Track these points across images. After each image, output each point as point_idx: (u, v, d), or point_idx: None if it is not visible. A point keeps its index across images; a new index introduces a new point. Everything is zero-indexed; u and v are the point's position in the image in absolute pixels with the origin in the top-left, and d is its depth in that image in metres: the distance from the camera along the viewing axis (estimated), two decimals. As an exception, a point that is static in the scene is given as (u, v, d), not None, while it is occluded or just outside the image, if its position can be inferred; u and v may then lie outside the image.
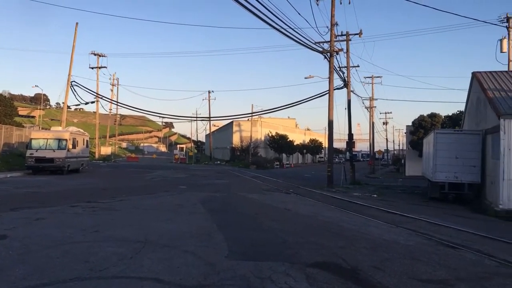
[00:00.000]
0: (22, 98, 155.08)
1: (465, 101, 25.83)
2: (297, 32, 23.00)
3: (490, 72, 22.32)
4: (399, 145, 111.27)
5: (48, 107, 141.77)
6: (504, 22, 29.40)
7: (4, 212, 11.34)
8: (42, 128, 54.75)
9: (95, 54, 55.43)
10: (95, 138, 59.76)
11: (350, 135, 32.87)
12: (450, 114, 45.69)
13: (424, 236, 10.55)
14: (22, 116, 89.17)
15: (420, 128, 45.26)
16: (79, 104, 65.37)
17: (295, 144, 75.39)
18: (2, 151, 33.62)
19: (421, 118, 46.72)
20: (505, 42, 29.08)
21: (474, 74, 22.51)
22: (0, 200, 13.94)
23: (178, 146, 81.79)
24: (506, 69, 27.39)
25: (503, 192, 16.19)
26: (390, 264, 7.33)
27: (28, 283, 5.43)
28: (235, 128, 77.90)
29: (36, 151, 27.66)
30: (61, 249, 7.35)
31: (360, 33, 30.36)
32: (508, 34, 29.23)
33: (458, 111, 43.37)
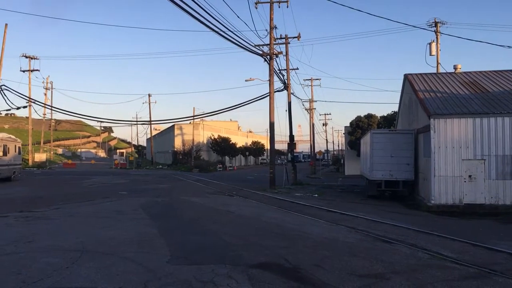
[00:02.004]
0: None
1: (398, 102, 27.01)
2: (236, 35, 23.04)
3: (420, 74, 23.51)
4: (338, 146, 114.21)
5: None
6: (433, 27, 31.08)
7: None
8: (-31, 135, 51.44)
9: (26, 57, 52.87)
10: (28, 145, 56.94)
11: (291, 136, 33.39)
12: (385, 114, 47.48)
13: (363, 233, 10.92)
14: None
15: (358, 128, 46.72)
16: (9, 109, 62.11)
17: (237, 146, 75.61)
18: None
19: (358, 119, 48.24)
20: (434, 45, 30.73)
21: (406, 76, 23.60)
22: None
23: (118, 151, 79.68)
24: (435, 71, 28.94)
25: (434, 187, 17.08)
26: (330, 261, 7.53)
27: (-47, 300, 5.09)
28: (176, 131, 76.92)
29: (-37, 160, 25.99)
30: (-10, 262, 6.95)
31: (298, 37, 30.96)
32: (436, 37, 30.91)
33: (392, 111, 45.13)
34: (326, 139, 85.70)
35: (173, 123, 75.33)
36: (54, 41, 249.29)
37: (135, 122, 69.42)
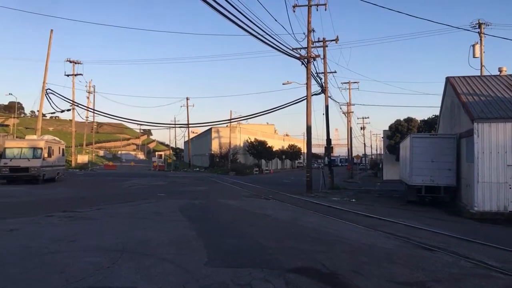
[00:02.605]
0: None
1: (439, 106, 26.33)
2: (274, 39, 23.09)
3: (463, 77, 22.82)
4: (376, 150, 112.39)
5: (22, 115, 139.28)
6: (476, 28, 30.15)
7: (-23, 223, 11.07)
8: (17, 137, 53.62)
9: (70, 62, 54.69)
10: (71, 147, 58.82)
11: (328, 140, 33.10)
12: (426, 118, 46.34)
13: (402, 239, 10.69)
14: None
15: (397, 132, 45.84)
16: (54, 112, 64.66)
17: (274, 150, 75.53)
18: (-25, 160, 32.80)
19: (397, 123, 47.33)
20: (477, 47, 29.78)
21: (448, 79, 22.97)
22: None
23: (156, 153, 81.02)
24: (479, 74, 28.04)
25: (477, 194, 16.52)
26: (368, 268, 7.40)
27: (1, 296, 5.31)
28: (214, 134, 77.66)
29: (11, 161, 27.10)
30: (36, 260, 7.20)
31: (336, 39, 30.69)
32: (480, 39, 29.96)
33: (433, 115, 44.05)
34: (364, 143, 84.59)
35: (210, 126, 76.35)
36: (97, 46, 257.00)
37: (173, 125, 70.33)
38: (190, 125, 70.47)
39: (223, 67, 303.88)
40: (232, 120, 54.45)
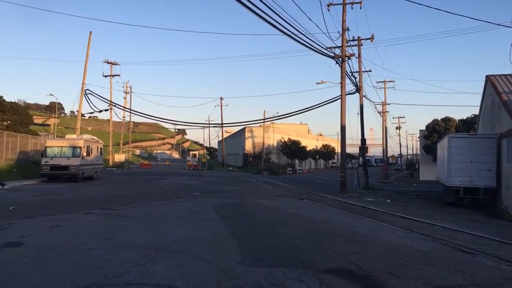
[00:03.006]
0: (37, 107, 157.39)
1: (479, 105, 25.58)
2: (308, 38, 22.98)
3: (504, 75, 22.09)
4: (412, 150, 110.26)
5: (62, 115, 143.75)
6: (518, 24, 29.05)
7: (20, 219, 11.48)
8: (57, 136, 55.32)
9: (108, 63, 56.04)
10: (109, 146, 60.24)
11: (363, 140, 32.70)
12: (464, 118, 45.17)
13: (439, 242, 10.43)
14: (37, 124, 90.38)
15: (434, 132, 44.83)
16: (93, 112, 66.26)
17: (307, 149, 75.17)
18: (18, 159, 34.09)
19: (435, 122, 46.29)
20: (519, 44, 28.72)
21: (488, 78, 22.29)
22: (15, 207, 14.10)
23: (191, 152, 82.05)
24: (521, 72, 27.04)
25: (519, 196, 15.97)
26: (405, 270, 7.26)
27: (43, 290, 5.48)
28: (247, 134, 77.96)
29: (51, 159, 27.97)
30: (75, 256, 7.41)
31: (371, 38, 30.29)
32: (522, 36, 28.88)
33: (472, 114, 42.91)
34: (400, 143, 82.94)
35: (244, 126, 76.69)
36: (133, 47, 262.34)
37: (208, 125, 71.09)
38: (224, 125, 71.06)
39: (257, 67, 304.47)
40: (265, 120, 54.50)
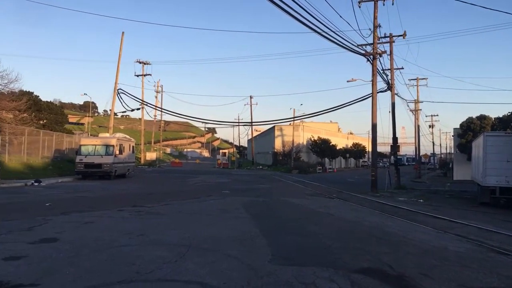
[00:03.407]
0: (72, 106, 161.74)
1: (516, 102, 24.78)
2: (339, 35, 22.76)
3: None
4: (446, 149, 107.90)
5: (96, 114, 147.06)
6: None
7: (55, 215, 11.80)
8: (91, 135, 56.67)
9: (140, 62, 56.89)
10: (140, 144, 61.24)
11: (395, 138, 32.19)
12: (501, 116, 43.83)
13: (474, 243, 10.16)
14: (72, 123, 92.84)
15: (469, 130, 43.68)
16: (125, 111, 67.41)
17: (337, 148, 74.52)
18: (54, 157, 35.07)
19: (469, 121, 45.10)
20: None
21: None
22: (51, 204, 14.50)
23: (220, 151, 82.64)
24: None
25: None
26: (439, 271, 7.10)
27: (77, 285, 5.60)
28: (277, 132, 77.86)
29: (85, 157, 28.64)
30: (108, 252, 7.56)
31: (404, 35, 29.73)
32: None
33: (509, 112, 41.67)
34: (433, 142, 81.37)
35: (273, 125, 76.54)
36: (165, 46, 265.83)
37: (237, 123, 71.26)
38: (253, 123, 71.12)
39: (287, 65, 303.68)
40: (295, 118, 54.34)
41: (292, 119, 54.28)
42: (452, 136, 54.13)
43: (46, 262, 6.75)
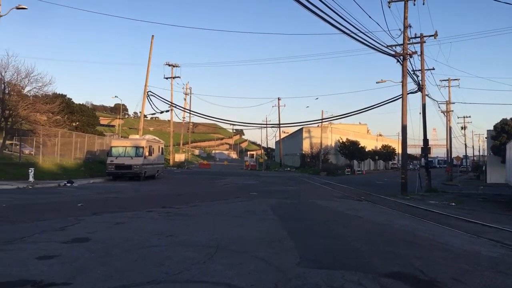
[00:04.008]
0: (103, 109, 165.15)
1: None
2: (368, 36, 22.50)
3: None
4: (479, 151, 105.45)
5: (126, 116, 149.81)
6: None
7: (87, 216, 12.05)
8: (121, 137, 57.76)
9: (169, 65, 57.62)
10: (169, 146, 61.99)
11: (425, 140, 31.62)
12: (537, 117, 42.47)
13: (509, 248, 9.85)
14: (103, 125, 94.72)
15: (503, 132, 42.46)
16: (154, 113, 67.95)
17: (366, 150, 73.68)
18: (85, 158, 35.89)
19: (503, 122, 43.85)
20: None
21: None
22: (83, 204, 14.82)
23: (248, 152, 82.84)
24: None
25: None
26: (472, 277, 6.91)
27: (108, 284, 5.69)
28: (305, 134, 77.58)
29: (116, 158, 29.17)
30: (138, 252, 7.66)
31: (435, 35, 29.17)
32: None
33: (545, 113, 40.33)
34: (465, 144, 79.51)
35: (301, 126, 76.42)
36: (193, 49, 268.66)
37: (265, 125, 71.50)
38: (281, 125, 71.15)
39: (315, 67, 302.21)
40: (323, 120, 54.01)
41: (320, 121, 53.97)
42: (485, 138, 52.84)
43: (78, 261, 6.89)
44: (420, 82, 30.72)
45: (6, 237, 8.57)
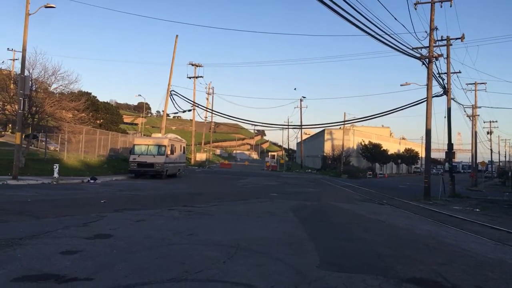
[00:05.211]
0: (127, 107, 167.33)
1: None
2: (393, 38, 22.24)
3: None
4: (505, 157, 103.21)
5: (149, 115, 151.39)
6: None
7: (110, 212, 12.22)
8: (144, 135, 58.39)
9: (192, 65, 58.04)
10: (191, 145, 62.40)
11: (450, 144, 31.08)
12: None
13: (536, 257, 9.61)
14: (126, 123, 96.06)
15: (530, 138, 41.48)
16: (177, 112, 69.26)
17: (389, 153, 72.91)
18: (109, 155, 36.42)
19: (531, 127, 42.87)
20: None
21: None
22: (106, 201, 15.03)
23: (269, 153, 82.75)
24: None
25: None
26: (496, 284, 6.76)
27: (129, 281, 5.76)
28: (326, 136, 77.15)
29: (138, 156, 29.51)
30: (159, 250, 7.73)
31: (462, 37, 28.65)
32: None
33: None
34: (491, 149, 77.86)
35: (323, 128, 75.97)
36: (216, 49, 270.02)
37: (287, 126, 71.38)
38: (303, 127, 70.87)
39: (338, 68, 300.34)
40: (345, 122, 53.59)
41: (343, 123, 53.59)
42: (512, 143, 51.58)
43: (100, 257, 6.99)
44: (446, 85, 30.21)
45: (31, 231, 8.75)
